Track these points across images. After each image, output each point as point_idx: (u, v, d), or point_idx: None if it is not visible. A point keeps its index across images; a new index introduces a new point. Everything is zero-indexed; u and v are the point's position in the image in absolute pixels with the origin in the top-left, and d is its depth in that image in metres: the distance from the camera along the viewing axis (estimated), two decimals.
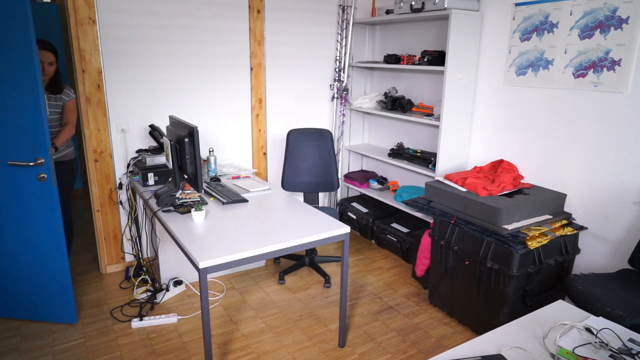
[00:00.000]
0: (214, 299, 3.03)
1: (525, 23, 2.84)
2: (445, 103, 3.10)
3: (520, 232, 2.43)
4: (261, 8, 3.51)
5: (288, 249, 2.15)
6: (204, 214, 2.37)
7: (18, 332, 2.62)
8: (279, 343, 2.58)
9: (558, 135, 2.76)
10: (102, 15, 2.95)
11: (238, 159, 3.75)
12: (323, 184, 3.47)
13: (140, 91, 3.20)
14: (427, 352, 2.52)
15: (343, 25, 3.94)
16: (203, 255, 1.97)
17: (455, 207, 2.71)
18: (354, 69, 4.11)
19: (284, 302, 3.01)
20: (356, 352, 2.51)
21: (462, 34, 3.02)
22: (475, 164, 3.31)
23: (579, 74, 2.60)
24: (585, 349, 1.42)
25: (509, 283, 2.39)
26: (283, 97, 3.84)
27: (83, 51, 2.92)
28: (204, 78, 3.42)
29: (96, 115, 3.05)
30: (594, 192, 2.62)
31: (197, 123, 3.47)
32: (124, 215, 3.34)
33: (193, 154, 2.38)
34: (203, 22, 3.30)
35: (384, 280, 3.34)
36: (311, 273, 3.43)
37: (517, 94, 2.96)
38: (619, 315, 1.91)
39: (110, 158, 3.17)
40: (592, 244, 2.66)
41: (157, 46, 3.18)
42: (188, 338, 2.62)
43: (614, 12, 2.40)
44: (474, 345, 1.44)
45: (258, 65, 3.61)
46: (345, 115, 4.17)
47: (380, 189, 4.01)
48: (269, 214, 2.52)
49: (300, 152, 3.44)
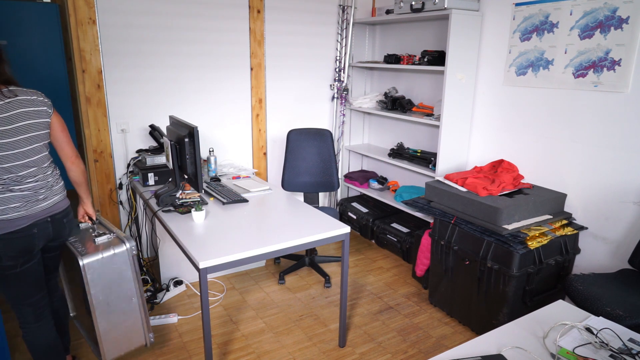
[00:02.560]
0: (214, 299, 3.03)
1: (526, 23, 2.84)
2: (445, 103, 3.10)
3: (521, 232, 2.43)
4: (261, 8, 3.51)
5: (288, 249, 2.15)
6: (204, 214, 2.37)
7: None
8: (279, 343, 2.58)
9: (558, 135, 2.76)
10: (102, 15, 2.95)
11: (238, 159, 3.75)
12: (323, 184, 3.47)
13: (141, 91, 3.20)
14: (427, 352, 2.52)
15: (343, 25, 3.93)
16: (203, 255, 1.97)
17: (455, 207, 2.71)
18: (354, 69, 4.11)
19: (284, 302, 3.01)
20: (356, 352, 2.51)
21: (462, 34, 3.02)
22: (476, 164, 3.31)
23: (579, 74, 2.60)
24: (585, 348, 1.42)
25: (509, 283, 2.39)
26: (283, 97, 3.84)
27: (83, 51, 2.92)
28: (204, 78, 3.42)
29: (96, 115, 3.05)
30: (594, 192, 2.62)
31: (197, 123, 3.47)
32: (124, 215, 3.34)
33: (193, 154, 2.38)
34: (203, 22, 3.30)
35: (384, 280, 3.34)
36: (311, 273, 3.43)
37: (517, 94, 2.96)
38: (619, 315, 1.91)
39: (110, 158, 3.17)
40: (592, 244, 2.66)
41: (158, 46, 3.18)
42: (188, 338, 2.61)
43: (614, 12, 2.40)
44: (474, 345, 1.44)
45: (258, 65, 3.61)
46: (345, 115, 4.17)
47: (381, 189, 4.01)
48: (269, 214, 2.52)
49: (301, 152, 3.44)
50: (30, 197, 1.85)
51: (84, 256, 1.99)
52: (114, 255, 2.06)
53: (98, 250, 2.03)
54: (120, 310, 2.13)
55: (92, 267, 2.00)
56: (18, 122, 1.76)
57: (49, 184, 1.92)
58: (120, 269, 2.09)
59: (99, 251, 2.03)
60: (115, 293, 2.10)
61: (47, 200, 1.91)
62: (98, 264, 2.02)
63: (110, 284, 2.07)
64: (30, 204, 1.85)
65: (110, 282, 2.07)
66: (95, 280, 2.02)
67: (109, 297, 2.08)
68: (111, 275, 2.07)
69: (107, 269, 2.05)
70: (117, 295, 2.10)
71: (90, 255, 2.01)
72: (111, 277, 2.07)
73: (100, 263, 2.02)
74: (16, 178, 1.81)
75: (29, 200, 1.85)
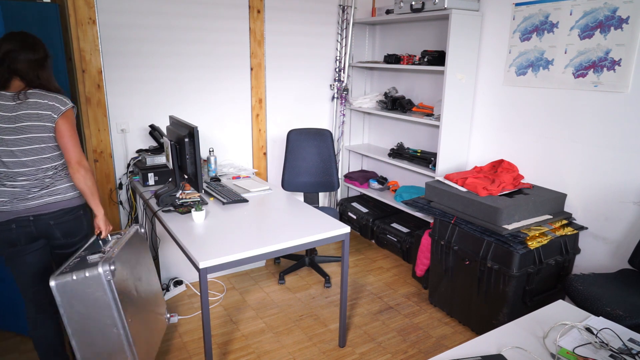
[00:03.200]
0: (214, 299, 3.03)
1: (526, 23, 2.84)
2: (445, 103, 3.10)
3: (521, 232, 2.43)
4: (261, 8, 3.51)
5: (288, 249, 2.15)
6: (204, 214, 2.37)
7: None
8: (279, 343, 2.58)
9: (558, 135, 2.76)
10: (102, 15, 2.95)
11: (238, 159, 3.75)
12: (323, 184, 3.47)
13: (141, 91, 3.20)
14: (427, 352, 2.52)
15: (343, 25, 3.93)
16: (203, 255, 1.97)
17: (455, 207, 2.71)
18: (354, 69, 4.11)
19: (284, 302, 3.01)
20: (356, 352, 2.51)
21: (462, 34, 3.02)
22: (476, 164, 3.31)
23: (579, 74, 2.60)
24: (585, 348, 1.42)
25: (509, 283, 2.39)
26: (283, 97, 3.84)
27: (83, 51, 2.92)
28: (204, 78, 3.42)
29: (96, 115, 3.05)
30: (594, 192, 2.62)
31: (197, 123, 3.47)
32: (124, 215, 3.34)
33: (193, 154, 2.38)
34: (203, 22, 3.30)
35: (384, 280, 3.34)
36: (311, 273, 3.43)
37: (517, 94, 2.96)
38: (619, 315, 1.91)
39: (110, 158, 3.17)
40: (592, 244, 2.66)
41: (158, 46, 3.18)
42: (188, 338, 2.62)
43: (614, 12, 2.40)
44: (474, 345, 1.44)
45: (258, 66, 3.61)
46: (345, 115, 4.17)
47: (381, 189, 4.01)
48: (269, 214, 2.52)
49: (301, 152, 3.44)
50: (18, 195, 1.92)
51: (56, 276, 1.77)
52: (86, 278, 1.79)
53: (71, 271, 1.79)
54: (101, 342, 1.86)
55: (61, 289, 1.78)
56: (21, 122, 1.87)
57: (44, 184, 1.96)
58: (95, 295, 1.81)
59: (72, 272, 1.79)
60: (93, 321, 1.83)
61: (35, 199, 1.95)
62: (69, 287, 1.77)
63: (87, 310, 1.82)
64: (17, 201, 1.92)
65: (86, 309, 1.82)
66: (65, 305, 1.79)
67: (86, 326, 1.83)
68: (85, 301, 1.81)
69: (80, 293, 1.79)
70: (95, 324, 1.84)
71: (62, 275, 1.78)
72: (86, 302, 1.81)
73: (71, 286, 1.77)
74: (10, 174, 1.91)
75: (17, 197, 1.92)
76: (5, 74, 1.89)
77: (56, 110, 1.91)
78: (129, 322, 1.89)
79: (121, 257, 1.93)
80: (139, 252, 2.16)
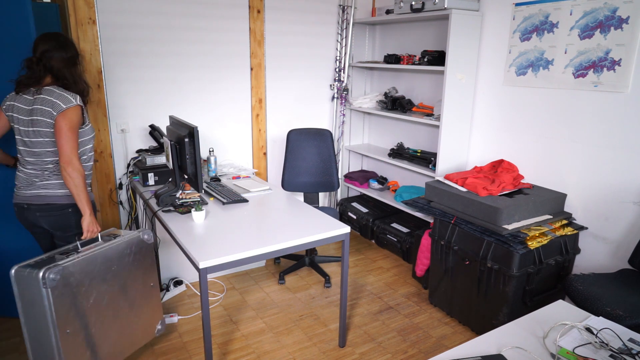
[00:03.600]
0: (214, 299, 3.03)
1: (526, 23, 2.84)
2: (445, 103, 3.10)
3: (521, 232, 2.43)
4: (261, 8, 3.51)
5: (288, 249, 2.15)
6: (204, 214, 2.37)
7: (18, 332, 2.63)
8: (279, 343, 2.58)
9: (558, 135, 2.76)
10: (102, 15, 2.95)
11: (238, 159, 3.75)
12: (323, 184, 3.47)
13: (141, 91, 3.20)
14: (427, 352, 2.52)
15: (343, 25, 3.93)
16: (203, 255, 1.97)
17: (455, 207, 2.71)
18: (354, 69, 4.11)
19: (284, 302, 3.01)
20: (356, 352, 2.51)
21: (462, 34, 3.02)
22: (476, 164, 3.31)
23: (579, 74, 2.60)
24: (585, 348, 1.42)
25: (509, 283, 2.39)
26: (283, 97, 3.84)
27: (83, 51, 2.92)
28: (204, 78, 3.42)
29: (96, 115, 3.05)
30: (594, 192, 2.62)
31: (197, 123, 3.47)
32: (124, 216, 3.34)
33: (193, 154, 2.38)
34: (203, 22, 3.30)
35: (384, 280, 3.33)
36: (311, 273, 3.43)
37: (517, 94, 2.96)
38: (619, 315, 1.91)
39: (110, 158, 3.17)
40: (592, 244, 2.66)
41: (157, 46, 3.18)
42: (188, 338, 2.62)
43: (614, 12, 2.40)
44: (474, 345, 1.44)
45: (258, 66, 3.61)
46: (345, 115, 4.17)
47: (381, 189, 4.01)
48: (269, 214, 2.52)
49: (301, 152, 3.44)
50: (24, 181, 2.13)
51: (18, 265, 1.80)
52: (32, 278, 1.76)
53: (31, 266, 1.78)
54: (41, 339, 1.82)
55: (16, 279, 1.78)
56: (33, 115, 2.04)
57: (44, 176, 2.11)
58: (35, 297, 1.77)
59: (31, 267, 1.77)
60: (35, 319, 1.80)
61: (33, 189, 2.11)
62: (21, 280, 1.76)
63: (32, 307, 1.81)
64: (23, 187, 2.13)
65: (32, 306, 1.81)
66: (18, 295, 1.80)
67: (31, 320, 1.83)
68: (30, 299, 1.79)
69: (29, 289, 1.78)
70: (36, 322, 1.81)
71: (23, 267, 1.79)
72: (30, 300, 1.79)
73: (23, 279, 1.76)
74: (23, 161, 2.14)
75: (23, 184, 2.13)
76: (41, 72, 2.05)
77: (57, 107, 2.00)
78: (67, 332, 1.86)
79: (80, 266, 1.90)
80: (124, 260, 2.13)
